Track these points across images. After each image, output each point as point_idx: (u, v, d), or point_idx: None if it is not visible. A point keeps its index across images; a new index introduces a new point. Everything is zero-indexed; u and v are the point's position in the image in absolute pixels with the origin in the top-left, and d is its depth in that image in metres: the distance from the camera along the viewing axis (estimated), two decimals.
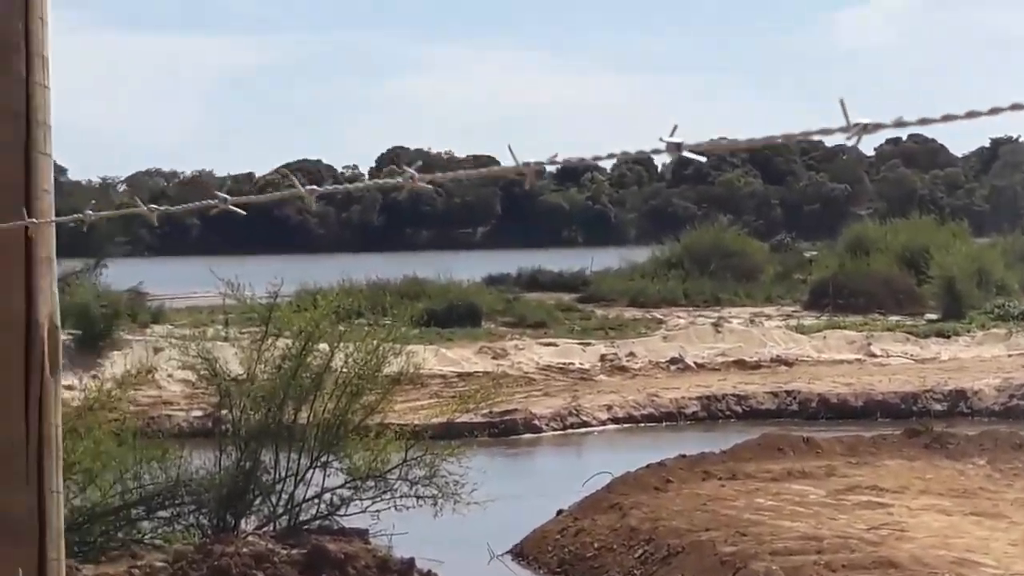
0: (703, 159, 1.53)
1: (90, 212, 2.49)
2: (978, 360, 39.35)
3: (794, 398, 34.26)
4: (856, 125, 1.27)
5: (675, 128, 1.47)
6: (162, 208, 2.25)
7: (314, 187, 1.89)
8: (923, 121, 1.23)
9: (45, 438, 2.65)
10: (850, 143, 1.38)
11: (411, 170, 1.65)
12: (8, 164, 2.63)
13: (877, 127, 1.27)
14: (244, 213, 2.13)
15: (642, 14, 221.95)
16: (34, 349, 2.64)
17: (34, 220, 2.52)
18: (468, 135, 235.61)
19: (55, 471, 2.66)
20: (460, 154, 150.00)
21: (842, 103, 1.28)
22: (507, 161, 1.78)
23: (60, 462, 2.66)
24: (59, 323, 2.72)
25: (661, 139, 1.50)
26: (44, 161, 2.69)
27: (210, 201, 2.00)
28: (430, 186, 1.66)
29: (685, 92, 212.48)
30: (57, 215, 2.72)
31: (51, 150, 2.70)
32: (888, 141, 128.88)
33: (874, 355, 40.35)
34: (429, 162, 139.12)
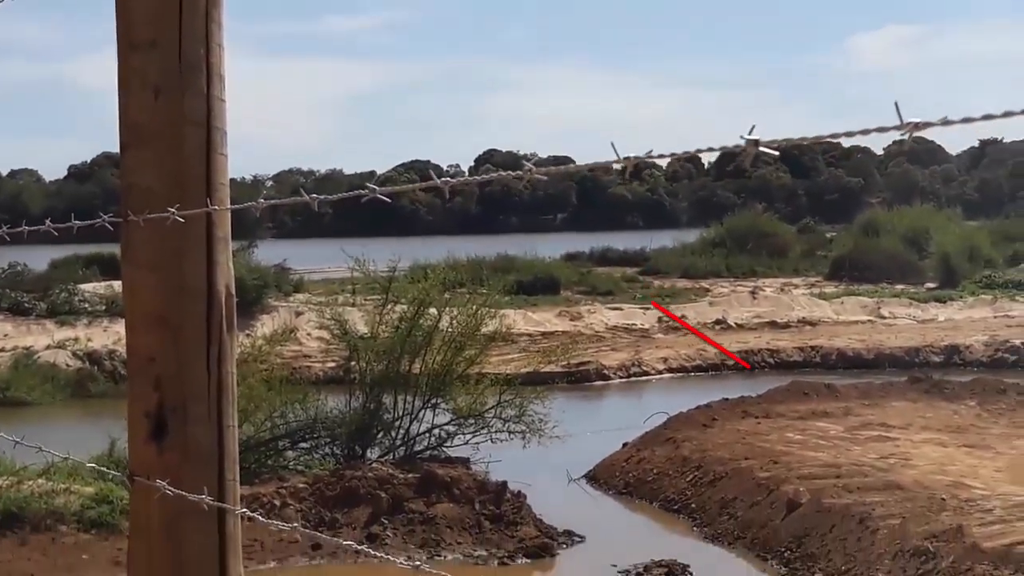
0: (776, 152, 1.51)
1: (262, 200, 2.51)
2: (969, 321, 38.93)
3: (817, 352, 34.01)
4: (909, 123, 1.25)
5: (753, 128, 1.45)
6: (322, 197, 2.24)
7: (448, 179, 1.87)
8: (966, 120, 1.20)
9: (223, 384, 2.68)
10: (905, 138, 1.32)
11: (529, 164, 1.65)
12: (194, 164, 2.66)
13: (927, 125, 1.24)
14: (389, 200, 2.12)
15: (695, 40, 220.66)
16: (214, 312, 2.68)
17: (215, 207, 2.55)
18: (547, 140, 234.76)
19: (231, 410, 2.69)
20: (542, 154, 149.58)
21: (896, 105, 1.26)
22: (594, 159, 1.76)
23: (235, 402, 2.69)
24: (234, 291, 2.75)
25: (742, 137, 1.48)
26: (221, 160, 2.72)
27: (361, 191, 2.00)
28: (545, 176, 1.65)
29: (729, 104, 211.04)
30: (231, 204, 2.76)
31: (227, 151, 2.73)
32: (894, 142, 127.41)
33: (883, 317, 39.98)
34: (517, 163, 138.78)
